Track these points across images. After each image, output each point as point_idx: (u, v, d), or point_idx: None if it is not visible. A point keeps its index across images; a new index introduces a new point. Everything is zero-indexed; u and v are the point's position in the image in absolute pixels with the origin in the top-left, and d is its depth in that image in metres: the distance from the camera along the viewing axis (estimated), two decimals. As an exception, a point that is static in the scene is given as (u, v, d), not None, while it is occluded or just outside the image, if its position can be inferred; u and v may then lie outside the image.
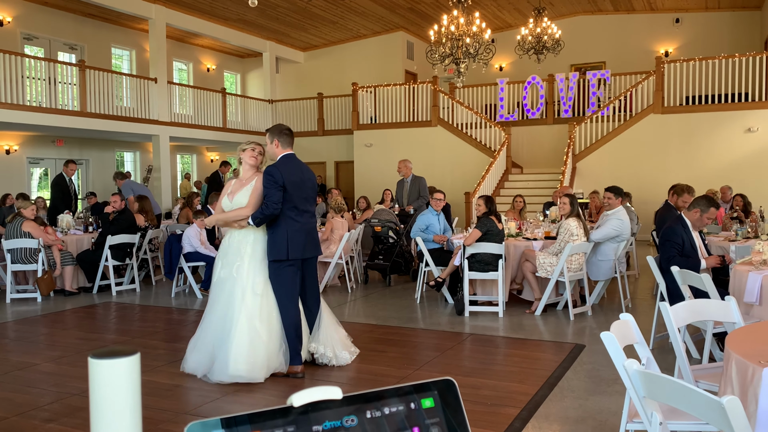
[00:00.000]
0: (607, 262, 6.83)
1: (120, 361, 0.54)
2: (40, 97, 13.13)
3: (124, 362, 0.54)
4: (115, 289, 8.36)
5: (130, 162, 18.54)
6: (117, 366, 0.53)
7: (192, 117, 16.73)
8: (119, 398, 0.53)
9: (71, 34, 15.99)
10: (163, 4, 15.12)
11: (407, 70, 19.10)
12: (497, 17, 17.81)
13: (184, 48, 19.21)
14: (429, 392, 0.58)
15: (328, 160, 18.22)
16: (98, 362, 0.56)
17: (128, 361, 0.55)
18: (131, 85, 15.26)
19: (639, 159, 13.99)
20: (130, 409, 0.54)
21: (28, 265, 7.92)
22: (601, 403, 4.01)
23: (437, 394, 0.58)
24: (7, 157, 14.71)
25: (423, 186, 10.05)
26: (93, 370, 0.55)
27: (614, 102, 14.42)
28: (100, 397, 0.54)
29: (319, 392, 0.54)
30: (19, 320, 6.88)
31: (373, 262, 8.75)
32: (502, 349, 5.58)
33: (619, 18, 17.95)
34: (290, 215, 4.48)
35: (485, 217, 6.81)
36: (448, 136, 15.67)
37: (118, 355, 0.55)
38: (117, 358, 0.54)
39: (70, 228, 9.16)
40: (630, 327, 2.88)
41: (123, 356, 0.55)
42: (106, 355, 0.55)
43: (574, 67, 17.64)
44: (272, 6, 15.74)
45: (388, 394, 0.57)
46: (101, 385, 0.53)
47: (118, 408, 0.53)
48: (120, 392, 0.53)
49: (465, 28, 9.95)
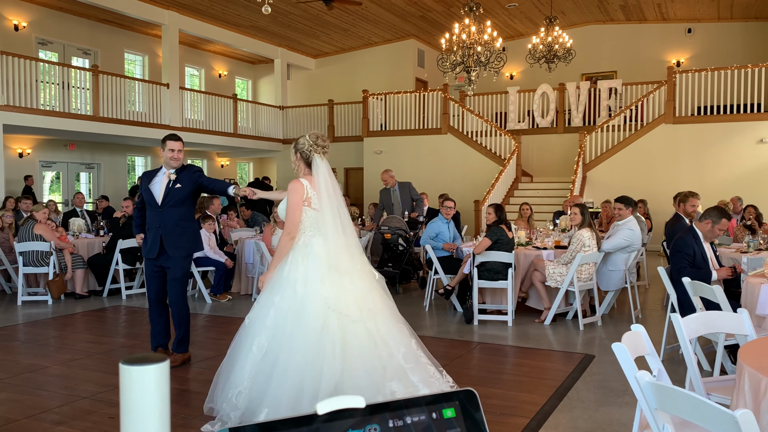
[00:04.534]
0: (618, 272, 6.81)
1: (150, 368, 0.55)
2: (54, 101, 13.26)
3: (154, 369, 0.55)
4: (125, 293, 8.40)
5: (141, 167, 18.65)
6: (147, 372, 0.54)
7: (203, 122, 16.83)
8: (148, 404, 0.54)
9: (85, 39, 16.14)
10: (176, 10, 15.25)
11: (418, 78, 19.15)
12: (508, 26, 17.84)
13: (197, 54, 19.35)
14: (451, 402, 0.58)
15: (338, 166, 18.24)
16: (129, 368, 0.57)
17: (158, 367, 0.56)
18: (144, 90, 15.39)
19: (650, 169, 13.94)
20: (159, 414, 0.55)
21: (40, 268, 7.98)
22: (611, 415, 3.99)
23: (459, 404, 0.58)
24: (20, 160, 14.83)
25: (413, 190, 10.06)
26: (124, 376, 0.56)
27: (625, 111, 14.39)
28: (130, 403, 0.55)
29: (343, 401, 0.54)
30: (30, 323, 6.92)
31: (383, 269, 8.75)
32: (511, 358, 5.56)
33: (631, 27, 17.93)
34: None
35: (495, 226, 6.81)
36: (458, 144, 15.67)
37: (149, 361, 0.56)
38: (147, 365, 0.55)
39: (81, 231, 9.22)
40: (641, 338, 2.86)
41: (153, 363, 0.56)
42: (136, 361, 0.56)
43: (585, 77, 17.62)
44: (284, 13, 15.83)
45: (410, 403, 0.57)
46: (131, 391, 0.54)
47: (147, 413, 0.54)
48: (149, 398, 0.54)
49: (476, 36, 9.97)
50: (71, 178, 16.50)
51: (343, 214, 3.77)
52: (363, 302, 3.62)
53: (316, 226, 3.73)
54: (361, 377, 3.47)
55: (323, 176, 3.74)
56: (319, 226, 3.73)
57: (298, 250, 3.72)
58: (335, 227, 3.70)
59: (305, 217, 3.76)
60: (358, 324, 3.56)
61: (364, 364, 3.50)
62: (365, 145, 16.83)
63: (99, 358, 5.44)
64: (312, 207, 3.75)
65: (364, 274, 3.75)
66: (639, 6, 16.61)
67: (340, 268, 3.64)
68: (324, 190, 3.72)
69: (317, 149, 3.79)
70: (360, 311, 3.59)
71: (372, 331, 3.59)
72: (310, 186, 3.77)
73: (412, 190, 10.07)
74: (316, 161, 3.77)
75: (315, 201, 3.74)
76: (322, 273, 3.61)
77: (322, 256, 3.65)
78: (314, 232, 3.73)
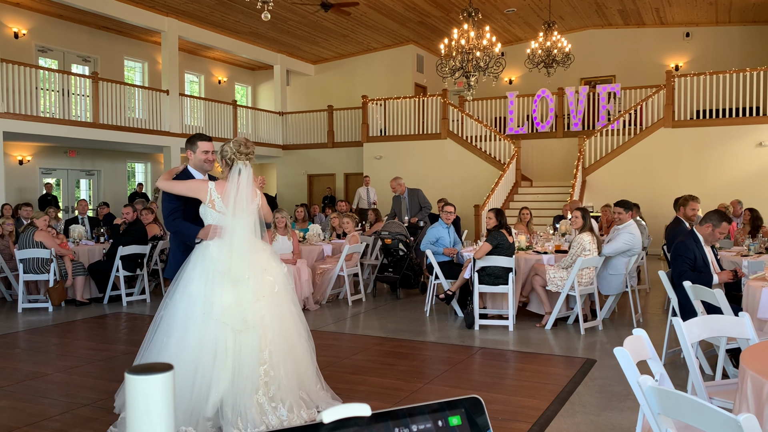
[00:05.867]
0: (618, 276, 6.80)
1: (155, 377, 0.55)
2: (54, 108, 13.28)
3: (159, 378, 0.55)
4: (125, 300, 8.39)
5: (141, 173, 18.67)
6: (152, 382, 0.54)
7: (203, 129, 16.84)
8: (154, 413, 0.54)
9: (85, 46, 16.18)
10: (175, 17, 15.28)
11: (417, 83, 19.18)
12: (507, 31, 17.88)
13: (196, 60, 19.38)
14: (456, 410, 0.58)
15: (338, 172, 18.28)
16: (135, 378, 0.57)
17: (163, 377, 0.56)
18: (143, 96, 15.41)
19: (649, 173, 13.95)
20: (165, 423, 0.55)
21: (40, 275, 7.97)
22: (613, 419, 3.98)
23: (464, 412, 0.58)
24: (20, 167, 14.84)
25: (422, 197, 10.04)
26: (130, 385, 0.56)
27: (624, 115, 14.41)
28: (136, 412, 0.54)
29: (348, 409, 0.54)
30: (31, 330, 6.91)
31: (383, 274, 8.75)
32: (512, 363, 5.55)
33: (629, 32, 17.97)
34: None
35: (496, 231, 6.81)
36: (458, 149, 15.69)
37: (154, 371, 0.56)
38: (153, 375, 0.55)
39: (81, 238, 9.21)
40: (643, 342, 2.86)
41: (158, 372, 0.55)
42: (142, 371, 0.56)
43: (584, 81, 17.66)
44: (283, 19, 15.87)
45: (416, 411, 0.57)
46: (137, 400, 0.54)
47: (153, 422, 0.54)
48: (154, 407, 0.54)
49: (475, 41, 9.99)
50: (71, 185, 16.51)
51: (253, 222, 3.82)
52: (245, 313, 3.65)
53: (218, 230, 3.79)
54: (248, 390, 3.56)
55: (236, 183, 3.79)
56: (221, 231, 3.78)
57: (198, 250, 3.80)
58: (239, 234, 3.74)
59: (209, 218, 3.87)
60: (238, 334, 3.63)
61: (247, 377, 3.58)
62: (365, 150, 16.84)
63: (100, 365, 5.43)
64: (216, 210, 3.83)
65: (261, 285, 3.75)
66: (637, 11, 16.65)
67: (233, 274, 3.67)
68: (233, 196, 3.77)
69: (240, 156, 3.84)
70: (240, 321, 3.63)
71: (248, 343, 3.64)
72: (215, 189, 3.85)
73: (421, 197, 10.05)
74: (237, 168, 3.83)
75: (219, 204, 3.82)
76: (210, 277, 3.67)
77: (215, 260, 3.70)
78: (212, 235, 3.81)
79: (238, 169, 3.81)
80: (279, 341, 3.71)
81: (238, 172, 3.79)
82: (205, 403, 3.51)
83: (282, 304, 3.83)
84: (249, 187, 3.82)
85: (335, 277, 8.12)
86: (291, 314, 3.88)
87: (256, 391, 3.59)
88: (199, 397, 3.52)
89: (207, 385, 3.53)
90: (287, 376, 3.70)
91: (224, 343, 3.59)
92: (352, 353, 5.73)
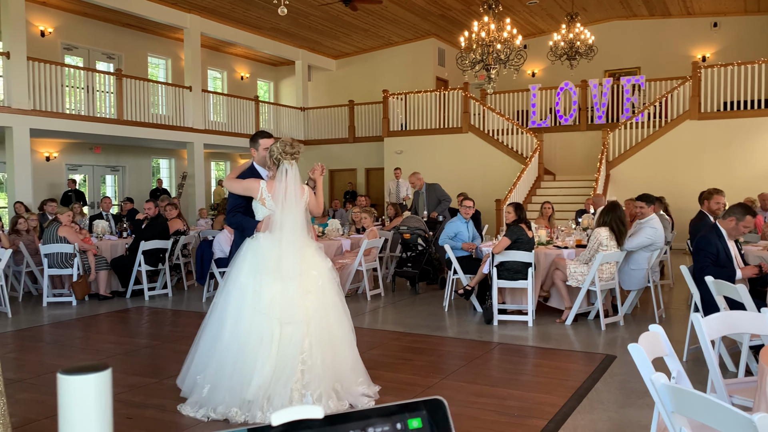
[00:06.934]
0: (640, 271, 6.69)
1: (90, 377, 0.53)
2: (80, 105, 13.47)
3: (94, 378, 0.53)
4: (147, 294, 8.49)
5: (165, 168, 18.88)
6: (87, 382, 0.53)
7: (225, 124, 16.97)
8: (89, 416, 0.52)
9: (109, 43, 16.38)
10: (197, 14, 15.39)
11: (438, 77, 19.09)
12: (529, 23, 17.69)
13: (219, 57, 19.51)
14: (417, 412, 0.56)
15: (359, 167, 18.28)
16: (67, 378, 0.55)
17: (98, 376, 0.54)
18: (167, 93, 15.56)
19: (674, 166, 13.71)
20: (99, 424, 0.54)
21: (64, 270, 8.10)
22: (631, 416, 3.92)
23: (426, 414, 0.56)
24: (47, 163, 15.10)
25: (440, 191, 9.97)
26: (62, 386, 0.54)
27: (649, 108, 14.17)
28: (69, 415, 0.53)
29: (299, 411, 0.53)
30: (55, 323, 7.03)
31: (402, 269, 8.73)
32: (530, 359, 5.50)
33: (655, 23, 17.66)
34: None
35: (515, 225, 6.74)
36: (479, 143, 15.58)
37: (89, 371, 0.54)
38: (87, 374, 0.54)
39: (105, 233, 9.34)
40: (659, 339, 2.80)
41: (93, 372, 0.54)
42: (76, 371, 0.55)
43: (608, 73, 17.41)
44: (304, 14, 15.89)
45: (373, 413, 0.55)
46: (70, 402, 0.53)
47: (87, 424, 0.52)
48: (89, 409, 0.52)
49: (496, 34, 9.90)
50: (97, 181, 16.75)
51: (301, 219, 4.03)
52: (293, 307, 3.85)
53: (269, 224, 4.02)
54: (284, 378, 3.75)
55: (284, 182, 4.00)
56: (270, 225, 4.00)
57: (248, 242, 4.09)
58: (287, 229, 3.95)
59: (259, 214, 4.12)
60: (284, 326, 3.83)
61: (287, 366, 3.78)
62: (386, 145, 16.82)
63: (120, 358, 5.50)
64: (267, 207, 4.07)
65: (307, 279, 3.95)
66: (663, 1, 16.35)
67: (283, 272, 3.88)
68: (282, 194, 3.98)
69: (285, 156, 4.02)
70: (288, 315, 3.83)
71: (293, 335, 3.83)
72: (266, 188, 4.07)
73: (439, 191, 9.99)
74: (283, 167, 4.02)
75: (269, 202, 4.05)
76: (260, 270, 3.90)
77: (265, 251, 3.93)
78: (264, 229, 4.04)
79: (284, 169, 4.00)
80: (320, 332, 3.89)
81: (285, 171, 3.99)
82: (248, 387, 3.74)
83: (326, 297, 4.02)
84: (296, 185, 4.03)
85: (354, 272, 8.13)
86: (335, 308, 4.06)
87: (292, 379, 3.76)
88: (244, 381, 3.76)
89: (251, 370, 3.75)
90: (323, 365, 3.85)
91: (270, 333, 3.80)
92: (369, 347, 5.72)
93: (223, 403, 3.78)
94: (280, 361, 3.80)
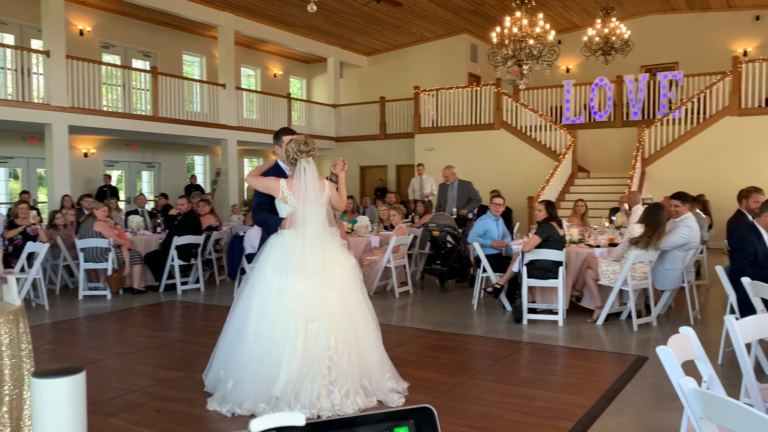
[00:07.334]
0: (675, 270, 6.54)
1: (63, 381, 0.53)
2: (116, 102, 13.74)
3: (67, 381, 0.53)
4: (180, 288, 8.62)
5: (200, 165, 19.14)
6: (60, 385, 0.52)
7: (259, 122, 17.12)
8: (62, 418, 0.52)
9: (145, 41, 16.66)
10: (231, 12, 15.54)
11: (470, 73, 18.94)
12: (564, 18, 17.43)
13: (253, 54, 19.68)
14: (404, 421, 0.54)
15: (389, 163, 18.26)
16: (40, 382, 0.55)
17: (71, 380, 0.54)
18: (201, 90, 15.77)
19: (713, 163, 13.36)
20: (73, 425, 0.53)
21: (99, 264, 8.27)
22: (662, 420, 3.83)
23: (413, 423, 0.54)
24: (85, 159, 15.44)
25: (472, 190, 9.89)
26: (35, 389, 0.54)
27: (687, 104, 13.83)
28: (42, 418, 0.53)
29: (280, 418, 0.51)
30: (90, 316, 7.19)
31: (431, 266, 8.69)
32: (560, 359, 5.42)
33: (694, 16, 17.23)
34: None
35: (545, 223, 6.65)
36: (512, 139, 15.43)
37: (62, 374, 0.54)
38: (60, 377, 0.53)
39: (139, 229, 9.51)
40: (690, 341, 2.73)
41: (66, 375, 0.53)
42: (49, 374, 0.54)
43: (644, 68, 17.05)
44: (336, 11, 15.92)
45: (357, 421, 0.54)
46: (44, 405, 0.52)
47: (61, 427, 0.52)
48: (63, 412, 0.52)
49: (528, 29, 9.77)
50: (133, 177, 17.07)
51: (323, 215, 4.07)
52: (317, 304, 3.87)
53: (292, 221, 4.06)
54: (312, 374, 3.78)
55: (303, 179, 4.05)
56: (293, 222, 4.04)
57: (272, 238, 4.12)
58: (310, 226, 3.99)
59: (282, 212, 4.16)
60: (309, 322, 3.86)
61: (314, 362, 3.80)
62: (416, 141, 16.77)
63: (151, 352, 5.60)
64: (289, 204, 4.10)
65: (331, 276, 3.98)
66: (703, -6, 15.95)
67: (307, 270, 3.91)
68: (302, 191, 4.03)
69: (301, 154, 4.07)
70: (313, 312, 3.86)
71: (318, 331, 3.85)
72: (287, 187, 4.09)
73: (471, 190, 9.93)
74: (301, 165, 4.06)
75: (291, 200, 4.07)
76: (284, 266, 3.93)
77: (289, 248, 3.96)
78: (287, 226, 4.09)
79: (302, 167, 4.05)
80: (345, 329, 3.91)
81: (303, 169, 4.04)
82: (275, 383, 3.76)
83: (350, 294, 4.05)
84: (315, 181, 4.07)
85: (382, 269, 8.12)
86: (359, 304, 4.08)
87: (320, 375, 3.78)
88: (270, 377, 3.79)
89: (278, 366, 3.78)
90: (350, 362, 3.87)
91: (295, 330, 3.82)
92: (396, 345, 5.70)
93: (249, 399, 3.81)
94: (306, 357, 3.81)
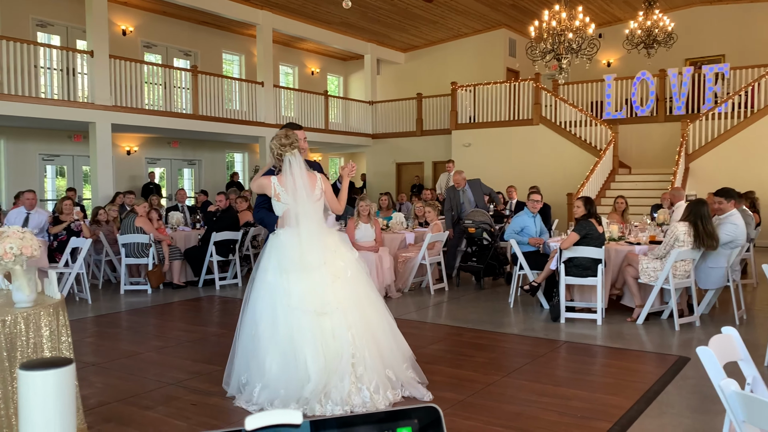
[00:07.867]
0: (719, 269, 6.34)
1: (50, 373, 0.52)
2: (158, 100, 14.01)
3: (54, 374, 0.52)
4: (218, 284, 8.75)
5: (239, 162, 19.39)
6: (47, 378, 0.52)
7: (296, 119, 17.22)
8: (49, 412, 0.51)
9: (186, 41, 16.93)
10: (269, 10, 15.68)
11: (509, 68, 18.73)
12: (605, 11, 17.07)
13: (290, 52, 19.83)
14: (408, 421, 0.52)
15: (426, 160, 18.18)
16: (27, 374, 0.54)
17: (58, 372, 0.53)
18: (240, 88, 15.95)
19: (760, 159, 12.93)
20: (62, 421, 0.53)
21: (140, 259, 8.45)
22: (703, 422, 3.71)
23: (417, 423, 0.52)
24: (128, 157, 15.79)
25: (483, 185, 9.60)
26: (22, 382, 0.53)
27: (733, 98, 13.40)
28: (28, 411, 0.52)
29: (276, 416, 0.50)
30: (130, 310, 7.35)
31: (467, 263, 8.62)
32: (598, 358, 5.32)
33: (742, 7, 16.68)
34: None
35: (584, 220, 6.52)
36: (551, 135, 15.19)
37: (50, 366, 0.53)
38: (47, 370, 0.53)
39: (179, 225, 9.68)
40: (733, 342, 2.63)
41: (54, 367, 0.53)
42: (36, 366, 0.54)
43: (688, 61, 16.60)
44: (373, 8, 15.91)
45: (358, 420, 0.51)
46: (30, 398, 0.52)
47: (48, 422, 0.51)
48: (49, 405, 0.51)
49: (567, 23, 9.60)
50: (175, 174, 17.39)
51: (318, 208, 4.04)
52: (324, 295, 3.85)
53: (286, 219, 4.03)
54: (340, 371, 3.75)
55: (290, 173, 4.01)
56: (288, 220, 4.01)
57: (270, 240, 4.08)
58: (304, 220, 3.95)
59: (278, 210, 4.11)
60: (323, 318, 3.83)
61: (341, 359, 3.77)
62: (453, 138, 16.66)
63: (189, 346, 5.68)
64: (282, 202, 4.06)
65: (334, 267, 3.95)
66: (751, -17, 15.43)
67: (306, 263, 3.87)
68: (291, 185, 3.99)
69: (284, 149, 4.03)
70: (321, 304, 3.83)
71: (335, 326, 3.83)
72: (278, 183, 4.05)
73: (483, 186, 9.71)
74: (287, 160, 4.02)
75: (284, 197, 4.04)
76: (285, 266, 3.89)
77: (287, 247, 3.91)
78: (282, 224, 4.06)
79: (288, 160, 4.01)
80: (360, 323, 3.88)
81: (289, 163, 4.00)
82: (306, 384, 3.74)
83: (357, 288, 4.00)
84: (303, 174, 4.02)
85: (417, 266, 8.09)
86: (367, 297, 4.04)
87: (348, 372, 3.76)
88: (298, 379, 3.76)
89: (303, 367, 3.76)
90: (371, 356, 3.84)
91: (309, 327, 3.80)
92: (430, 342, 5.68)
93: (278, 398, 3.80)
94: (329, 354, 3.80)
